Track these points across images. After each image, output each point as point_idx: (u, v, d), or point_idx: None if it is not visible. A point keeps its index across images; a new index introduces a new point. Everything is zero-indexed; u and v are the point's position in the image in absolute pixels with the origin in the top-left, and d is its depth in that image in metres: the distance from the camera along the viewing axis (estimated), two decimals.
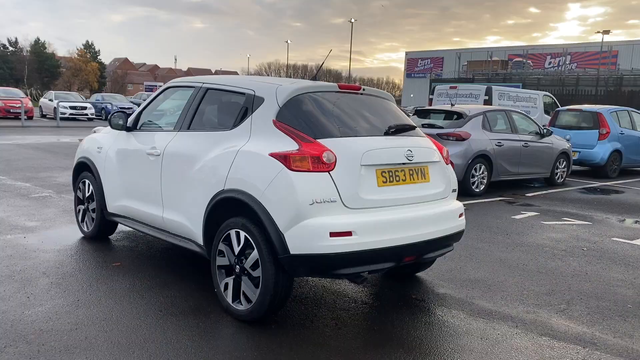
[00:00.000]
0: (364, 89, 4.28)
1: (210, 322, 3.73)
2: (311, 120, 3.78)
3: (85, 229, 5.69)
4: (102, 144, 5.37)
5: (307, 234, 3.39)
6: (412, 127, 4.24)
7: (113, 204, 5.19)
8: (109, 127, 5.66)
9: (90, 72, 71.56)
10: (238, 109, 4.08)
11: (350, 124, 3.91)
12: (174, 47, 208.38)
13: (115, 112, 5.07)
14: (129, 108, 29.08)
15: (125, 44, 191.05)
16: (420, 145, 4.05)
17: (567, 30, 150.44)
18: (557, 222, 7.56)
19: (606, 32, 39.94)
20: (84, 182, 5.62)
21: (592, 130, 12.98)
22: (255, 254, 3.60)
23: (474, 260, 5.47)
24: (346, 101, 4.10)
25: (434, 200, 4.04)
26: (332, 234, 3.39)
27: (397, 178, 3.82)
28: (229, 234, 3.80)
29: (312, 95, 3.95)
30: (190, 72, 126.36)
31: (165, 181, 4.44)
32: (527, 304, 4.33)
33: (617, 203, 9.52)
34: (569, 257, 5.79)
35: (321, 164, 3.49)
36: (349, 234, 3.43)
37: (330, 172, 3.50)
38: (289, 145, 3.60)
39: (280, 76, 75.34)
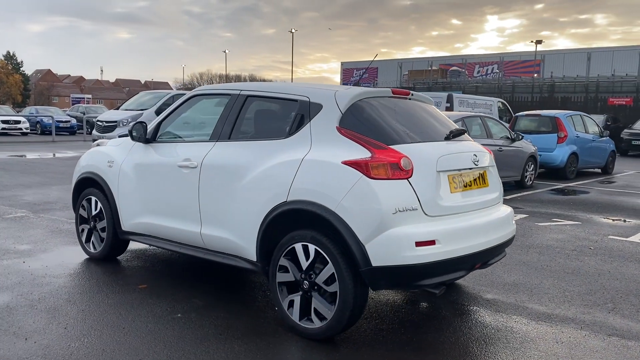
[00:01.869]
0: (412, 94, 4.19)
1: (278, 343, 3.50)
2: (377, 126, 3.64)
3: (92, 250, 5.24)
4: (113, 157, 4.96)
5: (392, 244, 3.24)
6: (464, 131, 4.19)
7: (130, 222, 4.80)
8: (115, 139, 5.30)
9: (13, 85, 67.50)
10: (291, 116, 3.87)
11: (413, 129, 3.80)
12: (99, 58, 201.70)
13: (135, 124, 4.70)
14: (67, 121, 27.73)
15: (46, 55, 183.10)
16: (480, 150, 4.00)
17: (487, 41, 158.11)
18: (550, 224, 7.76)
19: (539, 42, 42.19)
20: (89, 199, 5.18)
21: (550, 134, 13.51)
22: (329, 268, 3.40)
23: (499, 264, 5.47)
24: (401, 107, 3.99)
25: (493, 205, 4.00)
26: (418, 244, 3.26)
27: (464, 183, 3.75)
28: (293, 248, 3.57)
29: (370, 100, 3.82)
30: (119, 83, 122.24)
31: (205, 195, 4.14)
32: (576, 305, 4.36)
33: (590, 203, 9.92)
34: (582, 256, 5.92)
35: (400, 171, 3.36)
36: (432, 242, 3.31)
37: (409, 179, 3.38)
38: (359, 152, 3.44)
39: None
